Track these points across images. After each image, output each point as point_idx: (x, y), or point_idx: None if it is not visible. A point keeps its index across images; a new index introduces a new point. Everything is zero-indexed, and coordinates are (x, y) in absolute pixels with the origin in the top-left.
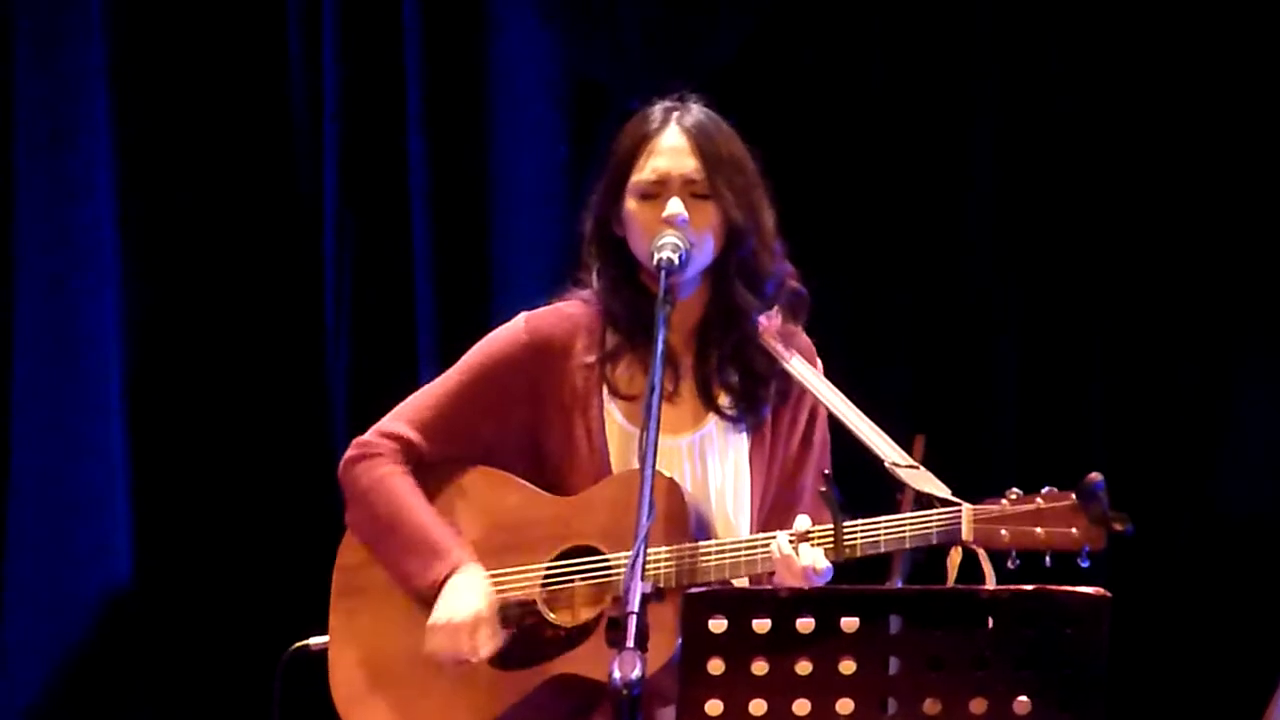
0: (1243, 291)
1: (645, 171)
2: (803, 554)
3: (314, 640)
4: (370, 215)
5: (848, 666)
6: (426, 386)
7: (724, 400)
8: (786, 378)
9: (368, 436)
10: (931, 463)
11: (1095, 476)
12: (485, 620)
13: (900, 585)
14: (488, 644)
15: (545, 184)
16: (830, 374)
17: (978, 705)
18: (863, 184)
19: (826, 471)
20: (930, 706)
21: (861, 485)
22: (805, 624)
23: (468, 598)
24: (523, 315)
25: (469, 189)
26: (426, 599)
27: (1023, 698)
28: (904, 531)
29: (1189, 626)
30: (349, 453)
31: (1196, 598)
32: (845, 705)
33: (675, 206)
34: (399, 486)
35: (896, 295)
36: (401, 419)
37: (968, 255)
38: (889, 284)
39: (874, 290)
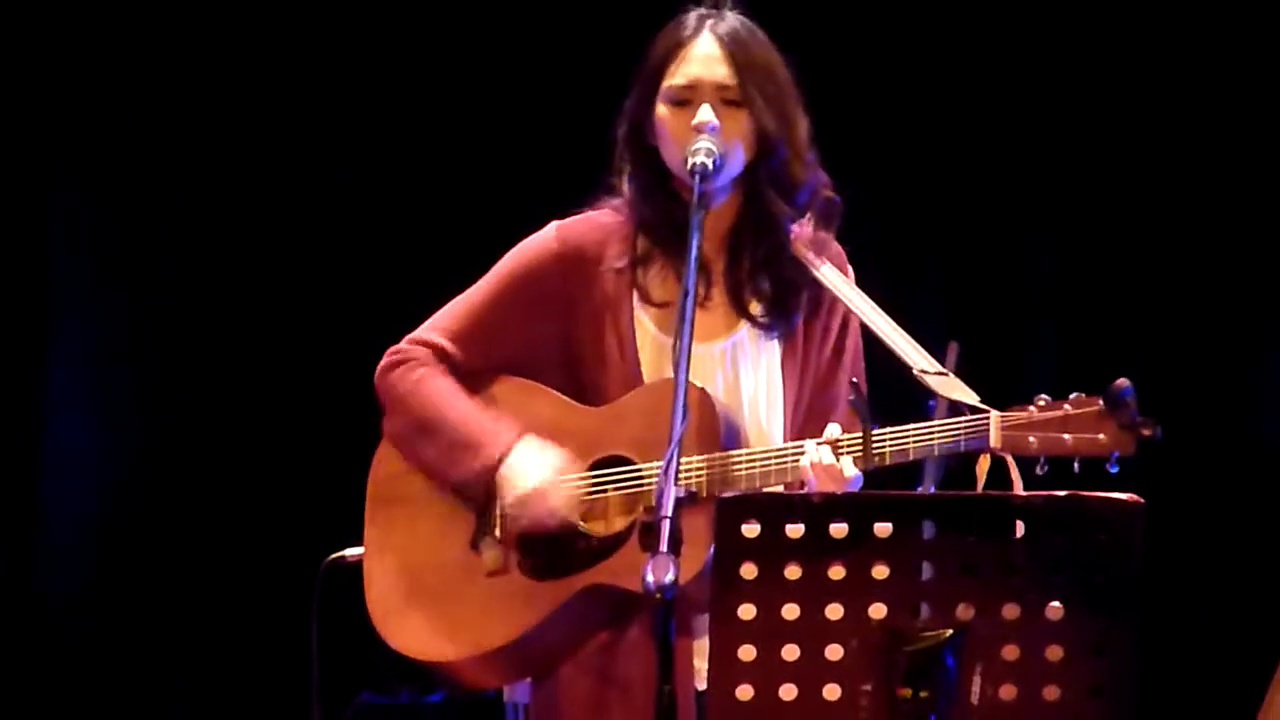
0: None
1: (677, 77)
2: (818, 453)
3: (350, 551)
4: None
5: (880, 572)
6: (459, 296)
7: (756, 307)
8: (818, 286)
9: (401, 344)
10: (964, 371)
11: (1123, 382)
12: (555, 483)
13: (932, 490)
14: (569, 498)
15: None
16: (862, 283)
17: (1010, 611)
18: (895, 90)
19: (855, 380)
20: (963, 612)
21: (895, 394)
22: (838, 529)
23: (532, 466)
24: (554, 224)
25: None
26: (479, 490)
27: (1055, 603)
28: (932, 439)
29: (1219, 549)
30: (383, 361)
31: (1227, 520)
32: (878, 610)
33: (706, 114)
34: (438, 387)
35: (930, 203)
36: (434, 328)
37: (1002, 167)
38: (922, 192)
39: (907, 199)
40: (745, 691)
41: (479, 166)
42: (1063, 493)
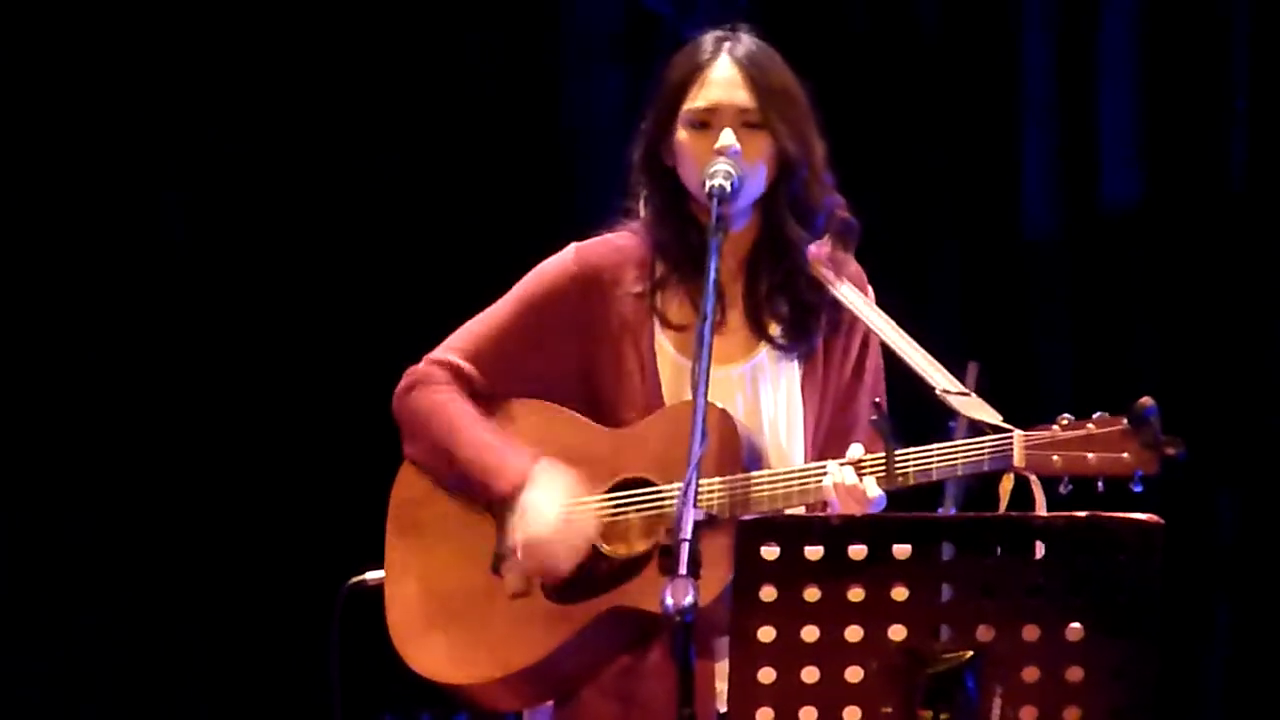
0: None
1: (697, 100)
2: (840, 474)
3: (371, 575)
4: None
5: (900, 593)
6: (477, 316)
7: (774, 330)
8: (837, 306)
9: (419, 366)
10: (985, 390)
11: (1147, 401)
12: (569, 524)
13: (953, 512)
14: (578, 539)
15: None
16: (881, 302)
17: (1030, 632)
18: (912, 113)
19: (877, 400)
20: (983, 633)
21: (917, 413)
22: (858, 551)
23: (545, 504)
24: (572, 246)
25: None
26: (501, 510)
27: (1075, 625)
28: (956, 459)
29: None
30: (402, 383)
31: (1248, 539)
32: (898, 632)
33: (728, 137)
34: (455, 411)
35: (947, 225)
36: (451, 349)
37: (1018, 184)
38: (940, 213)
39: (925, 221)
40: (765, 713)
41: (497, 187)
42: (1082, 514)
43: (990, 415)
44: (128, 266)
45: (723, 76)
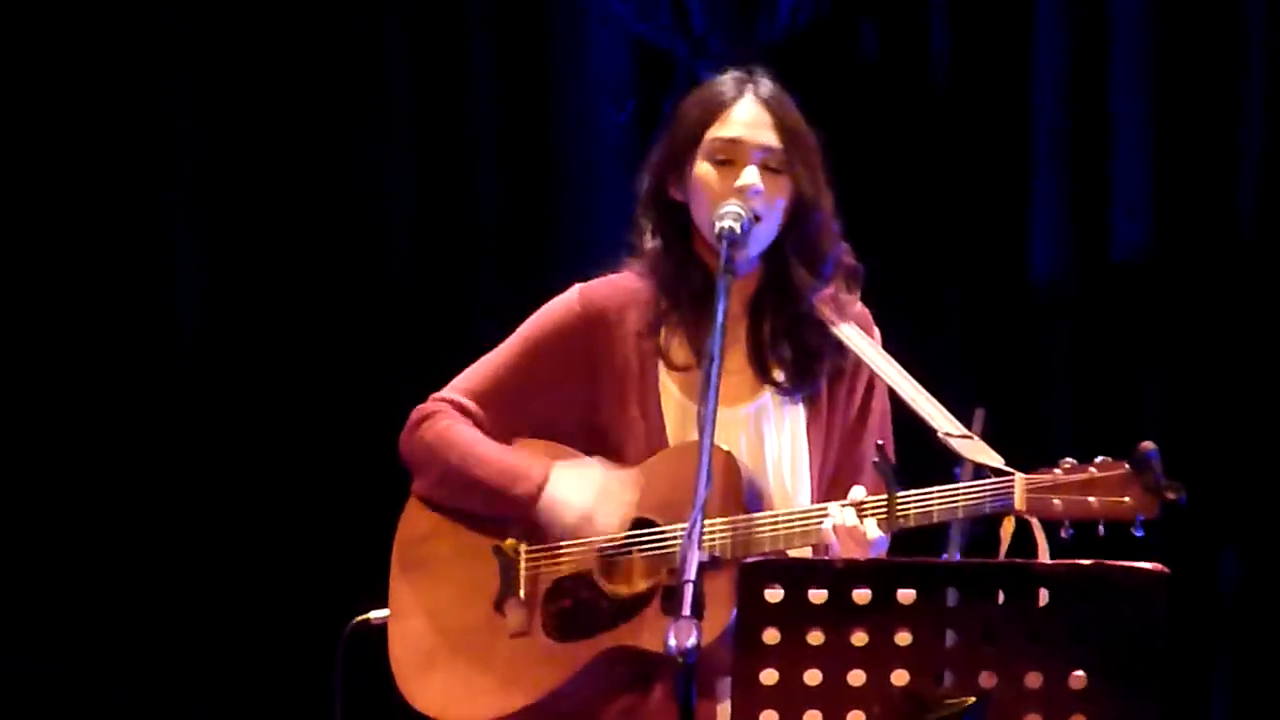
0: None
1: (721, 133)
2: (840, 516)
3: (375, 614)
4: (436, 177)
5: (903, 638)
6: (483, 358)
7: (778, 374)
8: (842, 349)
9: (425, 404)
10: (990, 436)
11: (1148, 445)
12: (604, 493)
13: (957, 558)
14: (619, 511)
15: (611, 147)
16: (887, 346)
17: (1033, 679)
18: (919, 156)
19: (880, 442)
20: (986, 679)
21: (922, 457)
22: (861, 595)
23: (577, 488)
24: (577, 287)
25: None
26: (522, 519)
27: (1078, 672)
28: (957, 501)
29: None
30: (409, 420)
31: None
32: (900, 676)
33: (751, 175)
34: (467, 434)
35: (955, 269)
36: (457, 389)
37: (1027, 230)
38: (948, 258)
39: (932, 265)
40: None
41: (500, 224)
42: (1087, 561)
43: (993, 459)
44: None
45: (748, 115)
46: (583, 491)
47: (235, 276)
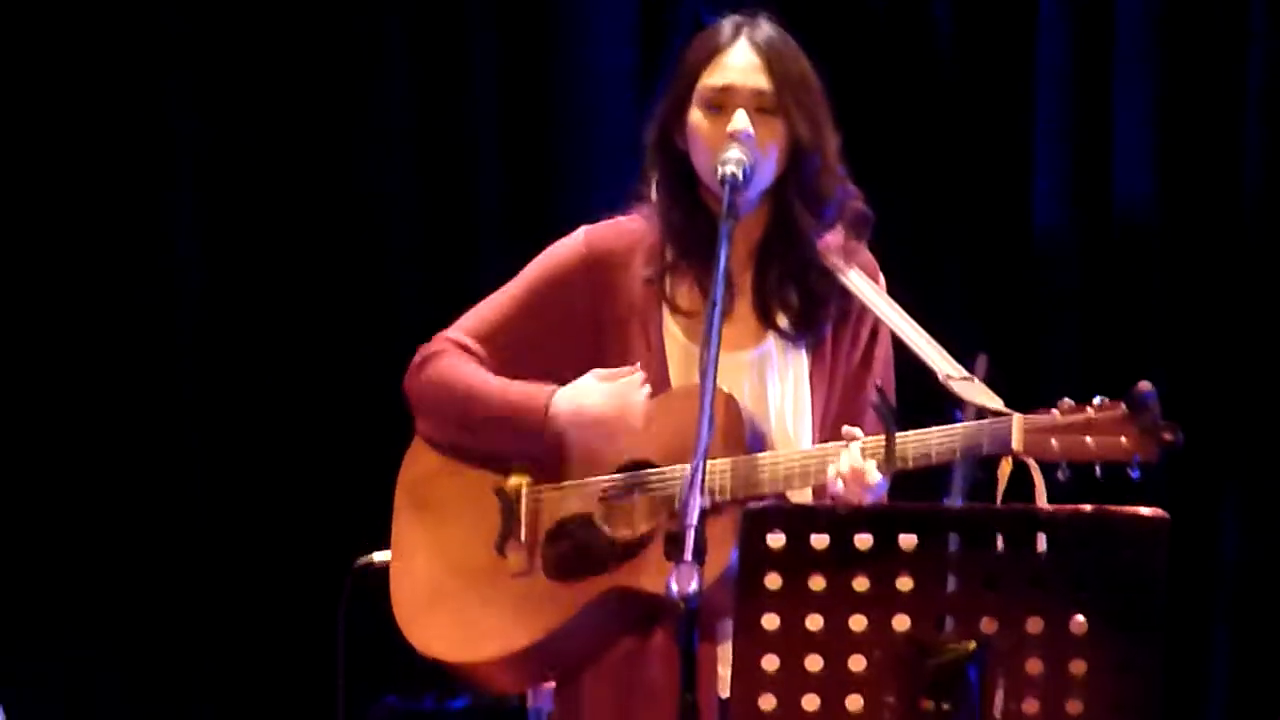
0: None
1: (712, 80)
2: (846, 462)
3: (378, 556)
4: (438, 124)
5: (905, 584)
6: (487, 299)
7: (782, 320)
8: (847, 295)
9: (430, 345)
10: (993, 382)
11: (1146, 385)
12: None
13: (959, 503)
14: (639, 393)
15: (614, 92)
16: (894, 292)
17: (1034, 625)
18: (922, 106)
19: (878, 383)
20: (986, 625)
21: (927, 404)
22: (863, 541)
23: (586, 395)
24: (582, 229)
25: (538, 94)
26: (537, 445)
27: (1079, 618)
28: (955, 441)
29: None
30: (414, 361)
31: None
32: (902, 622)
33: (741, 120)
34: (471, 369)
35: (959, 221)
36: (462, 329)
37: (1030, 181)
38: (952, 210)
39: (936, 217)
40: (768, 701)
41: (506, 166)
42: (1088, 507)
43: (992, 400)
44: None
45: (740, 60)
46: (594, 396)
47: (235, 276)
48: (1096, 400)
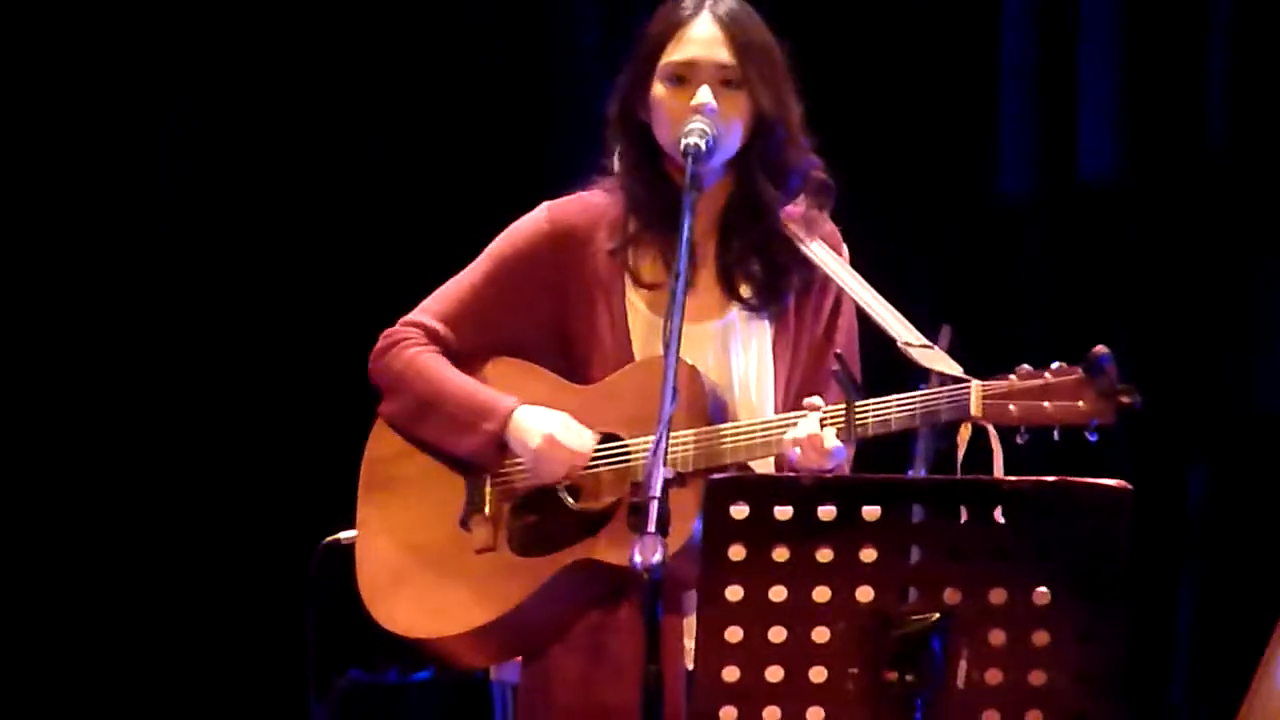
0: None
1: (675, 55)
2: (803, 429)
3: (345, 535)
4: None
5: (868, 555)
6: (453, 279)
7: (745, 290)
8: (809, 266)
9: (395, 328)
10: (957, 353)
11: (1101, 349)
12: (567, 425)
13: (923, 474)
14: (584, 443)
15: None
16: (855, 264)
17: (997, 595)
18: (887, 71)
19: (838, 351)
20: (950, 596)
21: (891, 374)
22: (827, 512)
23: (540, 419)
24: (545, 205)
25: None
26: (488, 454)
27: (1042, 589)
28: (914, 408)
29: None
30: (378, 344)
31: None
32: (865, 593)
33: (705, 94)
34: (434, 363)
35: (923, 188)
36: (427, 311)
37: (995, 148)
38: (916, 177)
39: (900, 184)
40: (732, 672)
41: (472, 149)
42: (1050, 478)
43: (951, 367)
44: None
45: (703, 34)
46: (548, 419)
47: (201, 257)
48: (1054, 365)
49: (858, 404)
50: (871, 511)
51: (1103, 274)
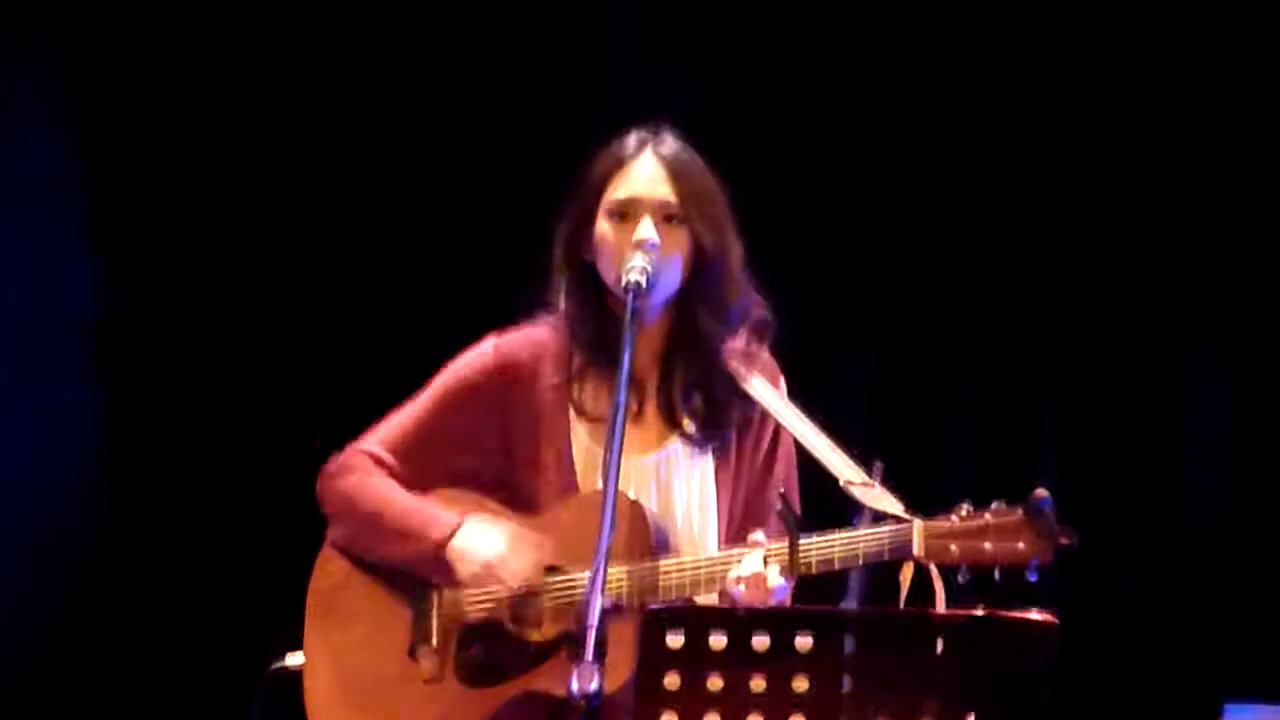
0: (1194, 289)
1: (619, 192)
2: (747, 567)
3: (292, 660)
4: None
5: (801, 684)
6: (399, 410)
7: (687, 423)
8: (749, 400)
9: (343, 455)
10: (890, 484)
11: (1041, 493)
12: (513, 545)
13: (856, 605)
14: (525, 563)
15: None
16: (792, 394)
17: None
18: (824, 201)
19: (781, 490)
20: None
21: (830, 505)
22: (760, 641)
23: (485, 538)
24: (490, 341)
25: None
26: (432, 565)
27: (970, 718)
28: (858, 547)
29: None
30: (326, 469)
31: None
32: None
33: (647, 230)
34: (380, 484)
35: (856, 315)
36: (375, 441)
37: (925, 273)
38: (848, 305)
39: (833, 311)
40: None
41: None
42: (980, 611)
43: (893, 506)
44: None
45: (645, 172)
46: (492, 541)
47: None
48: (994, 506)
49: (802, 542)
50: (804, 642)
51: (1034, 391)
